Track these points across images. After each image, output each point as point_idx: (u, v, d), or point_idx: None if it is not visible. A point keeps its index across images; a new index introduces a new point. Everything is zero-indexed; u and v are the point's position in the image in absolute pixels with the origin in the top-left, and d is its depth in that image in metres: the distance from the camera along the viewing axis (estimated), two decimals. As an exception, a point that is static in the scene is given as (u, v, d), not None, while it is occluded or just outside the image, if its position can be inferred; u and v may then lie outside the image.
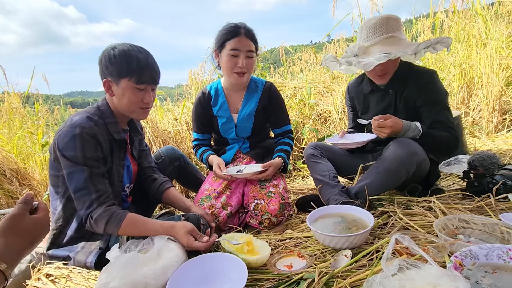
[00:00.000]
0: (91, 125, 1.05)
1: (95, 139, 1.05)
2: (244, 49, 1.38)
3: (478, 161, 1.31)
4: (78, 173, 1.01)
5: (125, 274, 0.85)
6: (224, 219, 1.36)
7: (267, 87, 1.57)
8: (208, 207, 1.35)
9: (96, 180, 1.03)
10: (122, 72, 1.06)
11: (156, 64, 1.14)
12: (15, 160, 2.11)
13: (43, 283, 1.03)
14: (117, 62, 1.06)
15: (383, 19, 1.33)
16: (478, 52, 2.90)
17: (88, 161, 1.02)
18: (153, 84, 1.14)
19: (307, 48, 4.73)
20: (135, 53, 1.07)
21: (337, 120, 2.80)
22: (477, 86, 2.89)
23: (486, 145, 2.37)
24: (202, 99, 1.59)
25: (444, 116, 1.34)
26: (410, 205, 1.27)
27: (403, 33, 1.36)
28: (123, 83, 1.08)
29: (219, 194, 1.41)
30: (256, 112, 1.54)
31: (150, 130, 2.40)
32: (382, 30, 1.32)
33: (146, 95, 1.12)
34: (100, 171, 1.05)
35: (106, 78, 1.10)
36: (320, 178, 1.43)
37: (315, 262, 0.99)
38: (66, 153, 1.02)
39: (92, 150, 1.03)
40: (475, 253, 0.77)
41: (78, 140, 1.01)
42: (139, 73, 1.07)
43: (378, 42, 1.33)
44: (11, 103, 2.79)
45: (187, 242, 1.01)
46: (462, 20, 3.28)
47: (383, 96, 1.46)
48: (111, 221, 1.00)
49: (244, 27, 1.40)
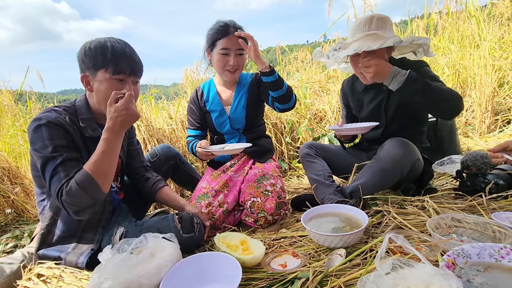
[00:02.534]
0: (56, 117, 1.00)
1: (63, 128, 1.00)
2: (234, 48, 1.42)
3: (471, 161, 1.32)
4: (50, 162, 0.97)
5: (118, 274, 0.84)
6: (220, 217, 1.35)
7: (254, 75, 1.61)
8: (205, 205, 1.35)
9: (68, 165, 0.97)
10: (97, 63, 1.01)
11: (135, 55, 1.08)
12: (7, 159, 2.07)
13: (34, 283, 1.01)
14: (92, 54, 1.01)
15: (368, 18, 1.34)
16: (472, 53, 2.93)
17: (58, 149, 0.97)
18: (133, 75, 1.07)
19: (303, 47, 4.74)
20: (111, 43, 1.02)
21: (332, 120, 2.81)
22: (470, 87, 2.92)
23: (479, 145, 2.40)
24: (195, 96, 1.64)
25: (437, 81, 1.27)
26: (404, 205, 1.28)
27: (389, 32, 1.34)
28: (100, 75, 1.03)
29: (216, 193, 1.41)
30: (248, 102, 1.56)
31: (145, 129, 2.38)
32: (366, 27, 1.33)
33: (126, 87, 1.04)
34: (74, 155, 1.00)
35: (84, 73, 1.05)
36: (315, 178, 1.44)
37: (309, 261, 0.99)
38: (35, 146, 0.98)
39: (61, 138, 0.99)
40: (467, 252, 0.78)
41: (44, 130, 0.97)
42: (115, 63, 1.01)
43: (360, 38, 1.33)
44: (3, 100, 2.74)
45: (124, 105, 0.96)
46: (455, 22, 3.32)
47: (377, 93, 1.47)
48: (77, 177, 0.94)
49: (233, 26, 1.43)
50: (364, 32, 1.33)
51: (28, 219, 1.96)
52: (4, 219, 1.92)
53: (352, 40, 1.36)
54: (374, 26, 1.32)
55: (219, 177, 1.49)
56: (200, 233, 1.18)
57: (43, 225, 1.12)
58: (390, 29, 1.36)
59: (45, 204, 1.13)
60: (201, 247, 1.23)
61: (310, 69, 3.94)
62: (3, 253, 1.49)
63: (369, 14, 1.36)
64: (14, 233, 1.64)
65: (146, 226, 1.14)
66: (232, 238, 1.12)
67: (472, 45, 3.07)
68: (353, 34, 1.38)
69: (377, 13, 1.37)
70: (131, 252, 0.93)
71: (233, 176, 1.51)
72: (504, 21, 3.30)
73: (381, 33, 1.31)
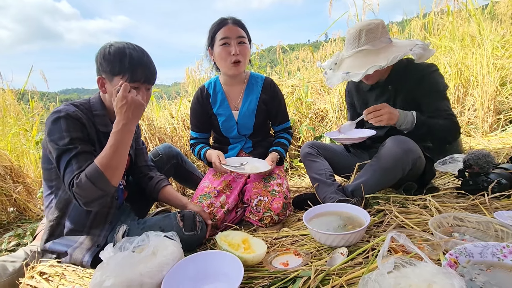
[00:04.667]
0: (75, 111, 1.05)
1: (80, 122, 1.05)
2: (234, 36, 1.37)
3: (473, 160, 1.32)
4: (66, 154, 1.00)
5: (120, 272, 0.84)
6: (221, 218, 1.35)
7: (267, 82, 1.56)
8: (207, 206, 1.35)
9: (81, 158, 1.01)
10: (115, 69, 1.04)
11: (151, 64, 1.11)
12: (9, 158, 2.08)
13: (36, 281, 1.02)
14: (111, 60, 1.04)
15: (356, 32, 1.33)
16: (474, 52, 2.92)
17: (74, 141, 1.01)
18: (147, 84, 1.11)
19: (304, 47, 4.74)
20: (129, 51, 1.05)
21: (334, 119, 2.80)
22: (473, 86, 2.91)
23: (481, 144, 2.39)
24: (200, 97, 1.55)
25: (444, 104, 1.34)
26: (406, 204, 1.28)
27: (381, 40, 1.33)
28: (116, 81, 1.05)
29: (218, 193, 1.40)
30: (258, 108, 1.53)
31: (146, 128, 2.38)
32: (355, 43, 1.34)
33: (139, 94, 1.09)
34: (88, 148, 1.04)
35: (100, 75, 1.08)
36: (317, 177, 1.44)
37: (311, 260, 0.99)
38: (53, 136, 1.01)
39: (78, 130, 1.03)
40: (469, 251, 0.78)
41: (63, 122, 1.01)
42: (132, 71, 1.05)
43: (351, 55, 1.36)
44: (6, 99, 2.75)
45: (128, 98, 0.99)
46: (456, 21, 3.30)
47: (382, 93, 1.46)
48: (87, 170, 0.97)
49: (231, 18, 1.41)
50: (354, 48, 1.35)
51: (30, 217, 1.97)
52: (6, 217, 1.93)
53: (346, 56, 1.39)
54: (363, 40, 1.32)
55: (222, 177, 1.49)
56: (202, 231, 1.18)
57: (52, 217, 1.13)
58: (383, 35, 1.33)
59: (52, 198, 1.14)
60: (203, 245, 1.24)
61: (311, 68, 3.94)
62: (6, 252, 1.50)
63: (358, 25, 1.34)
64: (16, 232, 1.65)
65: (148, 225, 1.15)
66: (233, 237, 1.13)
67: (474, 44, 3.05)
68: (346, 48, 1.40)
69: (367, 21, 1.34)
70: (133, 250, 0.93)
71: (236, 177, 1.50)
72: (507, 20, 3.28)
73: (371, 47, 1.31)
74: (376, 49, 1.32)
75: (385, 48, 1.32)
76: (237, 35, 1.38)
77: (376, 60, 1.27)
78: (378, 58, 1.28)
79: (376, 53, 1.31)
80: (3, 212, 1.94)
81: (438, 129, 1.31)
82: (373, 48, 1.31)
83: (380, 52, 1.31)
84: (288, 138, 1.62)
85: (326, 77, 1.47)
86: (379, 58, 1.28)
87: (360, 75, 1.26)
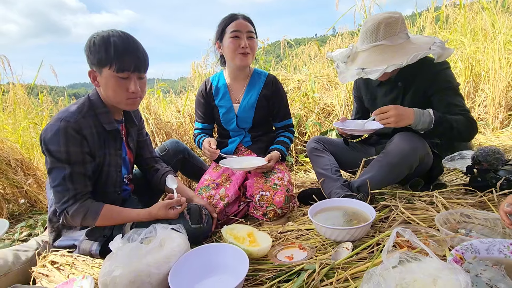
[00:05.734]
0: (77, 119, 1.03)
1: (80, 134, 1.03)
2: (244, 30, 1.41)
3: (482, 156, 1.30)
4: (59, 170, 1.01)
5: (128, 262, 0.86)
6: (221, 209, 1.37)
7: (269, 79, 1.58)
8: (206, 197, 1.37)
9: (75, 179, 1.02)
10: (101, 60, 1.01)
11: (140, 50, 1.06)
12: (20, 150, 2.12)
13: (48, 270, 1.05)
14: (96, 50, 1.01)
15: (375, 25, 1.28)
16: (486, 46, 2.85)
17: (71, 158, 1.01)
18: (137, 72, 1.05)
19: (310, 41, 4.68)
20: (114, 39, 1.00)
21: (341, 114, 2.78)
22: (484, 81, 2.85)
23: (491, 140, 2.35)
24: (204, 89, 1.61)
25: (457, 100, 1.30)
26: (412, 200, 1.27)
27: (400, 36, 1.28)
28: (105, 72, 1.02)
29: (218, 186, 1.43)
30: (258, 103, 1.54)
31: (153, 122, 2.40)
32: (373, 37, 1.28)
33: (131, 84, 1.05)
34: (81, 169, 1.04)
35: (91, 68, 1.06)
36: (322, 172, 1.44)
37: (315, 254, 1.00)
38: (50, 147, 1.01)
39: (76, 145, 1.02)
40: (476, 247, 0.77)
41: (62, 135, 1.00)
42: (119, 61, 1.00)
43: (367, 49, 1.31)
44: (16, 93, 2.80)
45: (167, 215, 1.12)
46: (468, 14, 3.22)
47: (392, 89, 1.44)
48: (87, 215, 1.03)
49: (241, 14, 1.45)
50: (372, 42, 1.29)
51: (41, 209, 2.01)
52: (18, 208, 1.98)
53: (361, 49, 1.34)
54: (381, 35, 1.27)
55: (221, 169, 1.51)
56: (208, 224, 1.20)
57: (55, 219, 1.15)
58: (402, 30, 1.29)
59: None
60: (209, 238, 1.25)
61: (317, 63, 3.90)
62: (18, 241, 1.54)
63: (377, 18, 1.28)
64: (28, 222, 1.70)
65: (155, 217, 1.17)
66: (239, 230, 1.14)
67: (486, 38, 2.98)
68: (361, 41, 1.33)
69: (386, 14, 1.28)
70: (141, 241, 0.95)
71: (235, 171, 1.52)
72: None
73: (389, 43, 1.26)
74: (393, 45, 1.27)
75: (403, 45, 1.27)
76: (247, 30, 1.42)
77: (393, 57, 1.23)
78: (396, 55, 1.23)
79: (394, 50, 1.26)
80: (15, 204, 2.00)
81: (456, 126, 1.23)
82: (390, 44, 1.26)
83: (398, 49, 1.26)
84: (289, 137, 1.61)
85: (338, 71, 1.42)
86: (397, 55, 1.23)
87: (378, 72, 1.21)
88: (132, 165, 1.34)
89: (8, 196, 1.97)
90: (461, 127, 1.24)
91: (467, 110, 1.29)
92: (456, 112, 1.27)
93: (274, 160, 1.46)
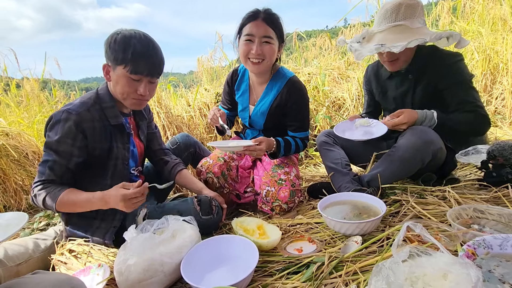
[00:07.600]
0: (79, 112, 1.06)
1: (79, 128, 1.05)
2: (259, 35, 1.31)
3: (498, 151, 1.26)
4: (47, 154, 1.07)
5: (142, 252, 0.89)
6: (218, 173, 1.41)
7: (288, 85, 1.44)
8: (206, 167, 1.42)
9: (55, 168, 1.06)
10: (118, 59, 1.04)
11: (157, 56, 1.08)
12: (36, 143, 2.19)
13: (66, 258, 1.10)
14: (115, 48, 1.03)
15: (396, 5, 1.25)
16: (505, 37, 2.74)
17: (59, 149, 1.05)
18: (150, 77, 1.08)
19: (321, 33, 4.60)
20: (134, 41, 1.03)
21: (351, 108, 2.75)
22: (502, 73, 2.75)
23: (508, 135, 2.28)
24: (229, 79, 1.62)
25: (471, 95, 1.27)
26: (424, 194, 1.25)
27: (418, 21, 1.26)
28: (119, 70, 1.05)
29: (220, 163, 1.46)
30: (269, 111, 1.48)
31: (164, 116, 2.44)
32: (392, 17, 1.25)
33: (141, 86, 1.08)
34: (64, 162, 1.06)
35: (106, 63, 1.09)
36: (332, 166, 1.43)
37: (325, 247, 1.00)
38: (48, 133, 1.07)
39: (69, 138, 1.05)
40: (488, 243, 0.76)
41: (60, 125, 1.05)
42: (134, 63, 1.03)
43: (385, 29, 1.27)
44: (32, 88, 2.88)
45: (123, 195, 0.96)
46: (486, 3, 3.09)
47: (402, 81, 1.41)
48: (47, 197, 1.04)
49: (265, 12, 1.33)
50: (391, 22, 1.26)
51: (58, 200, 2.08)
52: (36, 199, 2.05)
53: (378, 30, 1.30)
54: (401, 15, 1.24)
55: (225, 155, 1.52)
56: (218, 215, 1.22)
57: None
58: (420, 15, 1.27)
59: None
60: (219, 230, 1.28)
61: (329, 55, 3.84)
62: (37, 230, 1.61)
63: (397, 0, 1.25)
64: (46, 213, 1.76)
65: (167, 208, 1.20)
66: (249, 223, 1.16)
67: (505, 28, 2.86)
68: (379, 23, 1.30)
69: None
70: (154, 232, 0.98)
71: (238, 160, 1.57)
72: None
73: (409, 24, 1.23)
74: (412, 28, 1.24)
75: (421, 29, 1.25)
76: (262, 35, 1.31)
77: (414, 37, 1.19)
78: (416, 36, 1.19)
79: (413, 32, 1.23)
80: (33, 194, 2.07)
81: (459, 128, 1.27)
82: (410, 25, 1.23)
83: (416, 32, 1.23)
84: (298, 144, 1.48)
85: (353, 50, 1.36)
86: (417, 36, 1.19)
87: (400, 47, 1.17)
88: (142, 157, 1.36)
89: (27, 188, 2.04)
90: (467, 127, 1.28)
91: (479, 105, 1.27)
92: (468, 109, 1.26)
93: (265, 144, 1.34)
